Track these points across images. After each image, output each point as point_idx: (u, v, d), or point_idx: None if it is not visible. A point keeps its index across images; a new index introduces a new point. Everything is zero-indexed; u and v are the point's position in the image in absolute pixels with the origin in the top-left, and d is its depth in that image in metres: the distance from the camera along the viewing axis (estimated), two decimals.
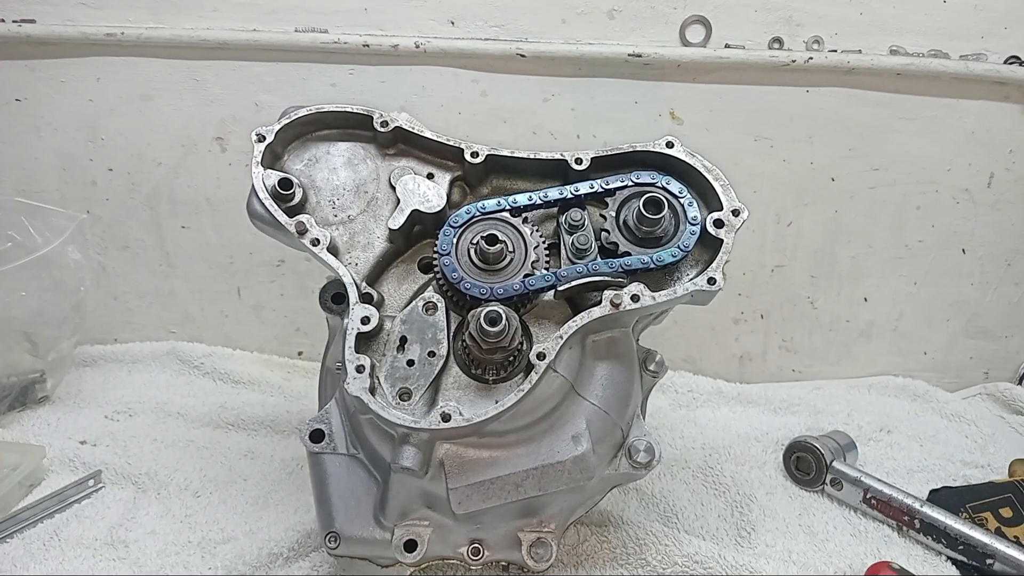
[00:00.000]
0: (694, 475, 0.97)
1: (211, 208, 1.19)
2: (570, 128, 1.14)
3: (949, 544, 0.84)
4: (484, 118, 1.13)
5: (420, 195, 0.78)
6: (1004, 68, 1.10)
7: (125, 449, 0.98)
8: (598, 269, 0.73)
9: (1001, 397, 1.23)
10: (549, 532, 0.71)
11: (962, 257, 1.23)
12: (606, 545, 0.82)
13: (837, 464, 0.94)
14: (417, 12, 1.08)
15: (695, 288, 0.72)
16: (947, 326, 1.28)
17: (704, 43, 1.09)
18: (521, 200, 0.76)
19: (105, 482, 0.92)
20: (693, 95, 1.12)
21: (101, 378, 1.16)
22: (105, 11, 1.08)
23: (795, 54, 1.08)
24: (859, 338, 1.28)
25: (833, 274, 1.24)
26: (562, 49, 1.08)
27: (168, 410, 1.07)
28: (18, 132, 1.15)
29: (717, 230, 0.74)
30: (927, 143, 1.16)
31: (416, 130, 0.80)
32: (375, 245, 0.78)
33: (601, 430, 0.72)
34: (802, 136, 1.15)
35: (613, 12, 1.08)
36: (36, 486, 0.90)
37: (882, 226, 1.21)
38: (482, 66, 1.10)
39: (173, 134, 1.15)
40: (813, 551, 0.85)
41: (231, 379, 1.18)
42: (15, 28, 1.07)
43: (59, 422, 1.03)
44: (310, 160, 0.81)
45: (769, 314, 1.26)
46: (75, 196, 1.18)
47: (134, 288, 1.25)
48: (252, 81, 1.11)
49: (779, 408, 1.17)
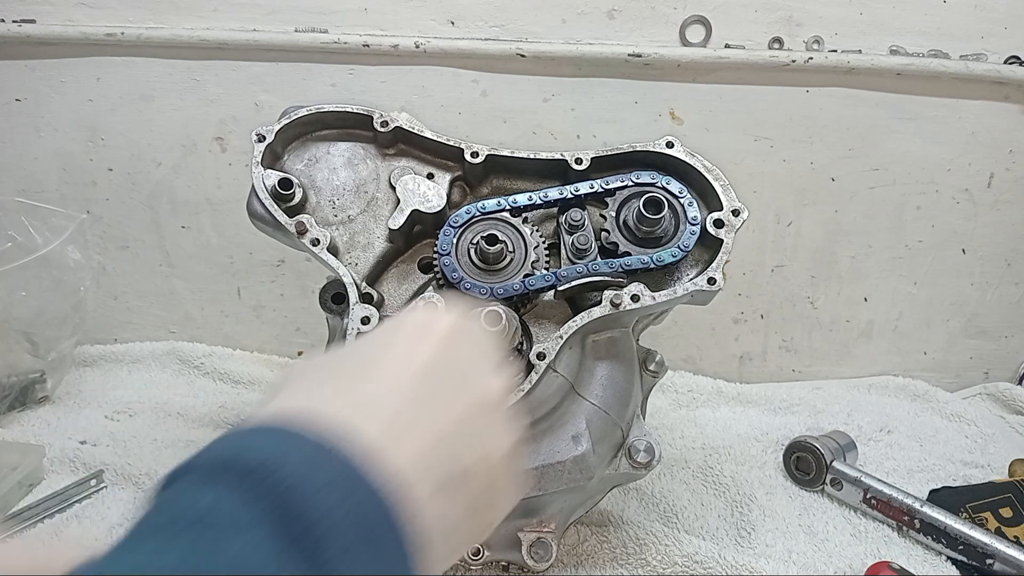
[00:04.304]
0: (694, 475, 0.97)
1: (211, 208, 1.19)
2: (570, 128, 1.14)
3: (949, 544, 0.84)
4: (484, 118, 1.13)
5: (420, 195, 0.78)
6: (1004, 68, 1.10)
7: (125, 449, 0.97)
8: (598, 269, 0.73)
9: (1001, 397, 1.23)
10: (549, 532, 0.71)
11: (962, 257, 1.23)
12: (606, 545, 0.82)
13: (837, 464, 0.94)
14: (417, 12, 1.08)
15: (695, 288, 0.72)
16: (947, 326, 1.28)
17: (704, 43, 1.09)
18: (521, 200, 0.76)
19: (106, 482, 0.92)
20: (693, 95, 1.12)
21: (101, 378, 1.16)
22: (105, 11, 1.08)
23: (795, 54, 1.08)
24: (859, 338, 1.28)
25: (833, 274, 1.24)
26: (562, 49, 1.08)
27: (168, 410, 1.07)
28: (18, 132, 1.15)
29: (717, 230, 0.74)
30: (927, 143, 1.16)
31: (416, 130, 0.80)
32: (375, 245, 0.78)
33: (601, 430, 0.72)
34: (802, 136, 1.15)
35: (613, 12, 1.08)
36: (36, 486, 0.90)
37: (882, 226, 1.21)
38: (482, 66, 1.10)
39: (173, 134, 1.15)
40: (813, 551, 0.85)
41: (231, 379, 1.18)
42: (15, 28, 1.07)
43: (59, 422, 1.03)
44: (310, 160, 0.81)
45: (769, 314, 1.26)
46: (75, 196, 1.18)
47: (134, 288, 1.25)
48: (252, 81, 1.11)
49: (779, 408, 1.17)
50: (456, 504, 0.41)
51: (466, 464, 0.41)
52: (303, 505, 0.30)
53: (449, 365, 0.44)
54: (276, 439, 0.34)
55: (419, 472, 0.38)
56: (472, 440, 0.42)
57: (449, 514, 0.40)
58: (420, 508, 0.37)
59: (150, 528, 0.30)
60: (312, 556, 0.30)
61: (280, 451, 0.32)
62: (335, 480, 0.33)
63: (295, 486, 0.31)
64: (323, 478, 0.32)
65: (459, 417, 0.42)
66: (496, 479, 0.44)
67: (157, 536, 0.29)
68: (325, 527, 0.31)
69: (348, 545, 0.31)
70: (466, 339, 0.46)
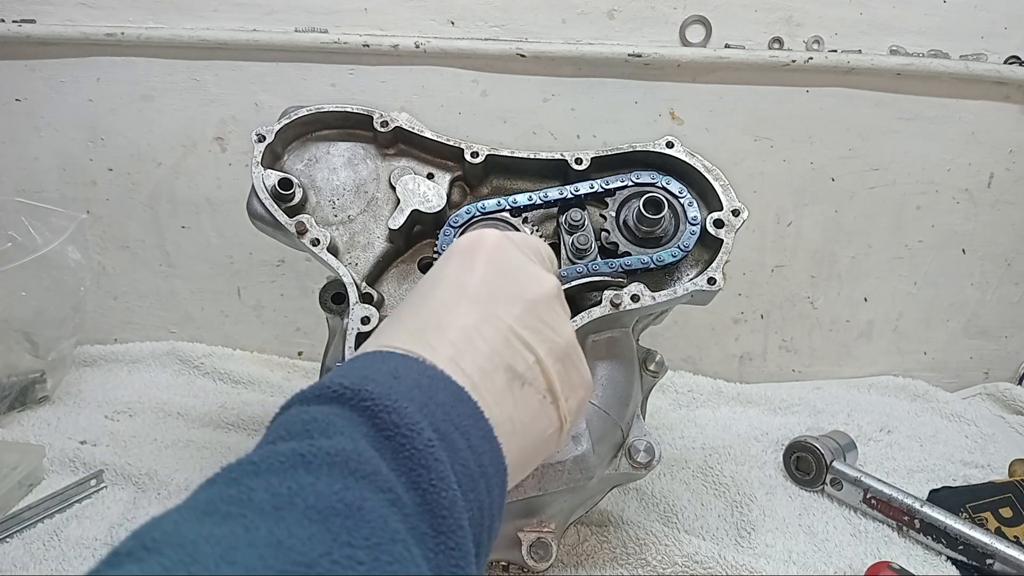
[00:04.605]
0: (694, 475, 0.97)
1: (211, 208, 1.19)
2: (570, 128, 1.14)
3: (949, 544, 0.84)
4: (484, 118, 1.13)
5: (420, 195, 0.78)
6: (1004, 68, 1.10)
7: (125, 449, 0.97)
8: (598, 269, 0.73)
9: (1001, 397, 1.23)
10: (549, 532, 0.71)
11: (962, 257, 1.23)
12: (606, 545, 0.82)
13: (837, 464, 0.94)
14: (417, 12, 1.08)
15: (695, 288, 0.72)
16: (947, 326, 1.28)
17: (704, 43, 1.09)
18: (521, 200, 0.76)
19: (106, 482, 0.91)
20: (693, 95, 1.12)
21: (101, 378, 1.16)
22: (105, 11, 1.08)
23: (795, 54, 1.08)
24: (859, 338, 1.28)
25: (833, 274, 1.24)
26: (562, 49, 1.08)
27: (168, 410, 1.07)
28: (18, 132, 1.15)
29: (717, 230, 0.74)
30: (927, 143, 1.16)
31: (416, 130, 0.80)
32: (375, 245, 0.78)
33: (601, 430, 0.72)
34: (802, 136, 1.15)
35: (613, 12, 1.08)
36: (36, 486, 0.90)
37: (882, 226, 1.21)
38: (482, 66, 1.10)
39: (173, 134, 1.15)
40: (813, 551, 0.85)
41: (231, 379, 1.18)
42: (15, 28, 1.07)
43: (59, 422, 1.03)
44: (310, 160, 0.81)
45: (769, 314, 1.26)
46: (75, 196, 1.18)
47: (134, 288, 1.25)
48: (252, 81, 1.11)
49: (779, 408, 1.17)
50: (530, 396, 0.45)
51: (537, 355, 0.46)
52: (389, 409, 0.36)
53: (501, 273, 0.48)
54: (360, 365, 0.40)
55: (488, 374, 0.43)
56: (537, 332, 0.47)
57: (525, 405, 0.45)
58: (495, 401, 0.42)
59: (269, 439, 0.36)
60: (400, 448, 0.35)
61: (364, 375, 0.38)
62: (415, 389, 0.38)
63: (381, 395, 0.36)
64: (404, 387, 0.38)
65: (519, 315, 0.46)
66: (569, 362, 0.49)
67: (275, 442, 0.35)
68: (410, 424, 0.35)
69: (434, 438, 0.36)
70: (511, 247, 0.50)
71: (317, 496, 0.30)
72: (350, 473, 0.32)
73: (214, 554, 0.26)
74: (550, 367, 0.47)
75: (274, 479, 0.31)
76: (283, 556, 0.27)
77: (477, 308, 0.45)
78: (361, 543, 0.29)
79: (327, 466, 0.32)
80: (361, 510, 0.30)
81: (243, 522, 0.29)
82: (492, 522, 0.39)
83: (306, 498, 0.30)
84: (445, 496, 0.34)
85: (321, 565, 0.27)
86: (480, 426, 0.40)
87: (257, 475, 0.32)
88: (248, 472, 0.32)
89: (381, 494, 0.32)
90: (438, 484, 0.34)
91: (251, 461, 0.33)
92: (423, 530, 0.33)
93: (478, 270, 0.47)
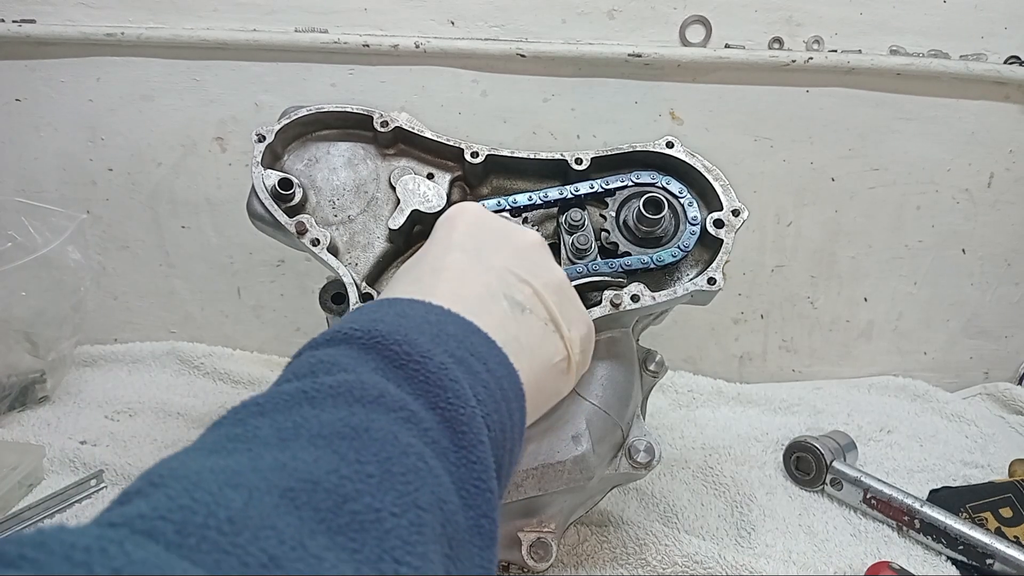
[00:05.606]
0: (694, 475, 0.97)
1: (211, 208, 1.19)
2: (570, 128, 1.14)
3: (949, 544, 0.84)
4: (484, 118, 1.13)
5: (420, 195, 0.78)
6: (1004, 68, 1.10)
7: (125, 449, 0.98)
8: (598, 269, 0.73)
9: (1001, 397, 1.23)
10: (549, 532, 0.71)
11: (962, 257, 1.23)
12: (606, 545, 0.82)
13: (837, 464, 0.94)
14: (417, 12, 1.08)
15: (695, 288, 0.72)
16: (947, 326, 1.28)
17: (704, 43, 1.09)
18: (521, 200, 0.76)
19: (106, 482, 0.92)
20: (693, 95, 1.12)
21: (101, 378, 1.16)
22: (105, 11, 1.08)
23: (795, 54, 1.08)
24: (859, 338, 1.28)
25: (833, 274, 1.24)
26: (562, 49, 1.08)
27: (168, 410, 1.07)
28: (18, 132, 1.15)
29: (717, 230, 0.74)
30: (927, 143, 1.16)
31: (416, 130, 0.80)
32: (375, 245, 0.78)
33: (601, 430, 0.72)
34: (802, 136, 1.15)
35: (613, 12, 1.08)
36: (36, 486, 0.90)
37: (882, 226, 1.21)
38: (482, 66, 1.10)
39: (173, 134, 1.15)
40: (813, 551, 0.85)
41: (231, 379, 1.18)
42: (15, 28, 1.07)
43: (59, 422, 1.03)
44: (310, 160, 0.81)
45: (769, 314, 1.26)
46: (75, 196, 1.18)
47: (134, 288, 1.25)
48: (252, 81, 1.11)
49: (779, 408, 1.17)
50: (533, 322, 0.48)
51: (533, 287, 0.49)
52: (400, 342, 0.37)
53: (484, 228, 0.52)
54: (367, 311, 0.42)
55: (488, 303, 0.46)
56: (529, 270, 0.50)
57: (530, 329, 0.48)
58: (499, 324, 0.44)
59: (285, 378, 0.37)
60: (415, 375, 0.36)
61: (373, 318, 0.40)
62: (424, 324, 0.40)
63: (390, 332, 0.38)
64: (413, 324, 0.39)
65: (509, 257, 0.50)
66: (565, 296, 0.52)
67: (281, 384, 0.36)
68: (421, 352, 0.37)
69: (448, 361, 0.37)
70: (490, 214, 0.55)
71: (322, 425, 0.31)
72: (355, 401, 0.33)
73: (218, 480, 0.27)
74: (548, 297, 0.50)
75: (279, 416, 0.32)
76: (288, 476, 0.28)
77: (467, 255, 0.49)
78: (370, 459, 0.30)
79: (331, 398, 0.33)
80: (368, 431, 0.31)
81: (248, 454, 0.29)
82: (513, 445, 0.41)
83: (310, 428, 0.31)
84: (463, 412, 0.35)
85: (329, 480, 0.28)
86: (494, 353, 0.42)
87: (262, 415, 0.33)
88: (253, 412, 0.33)
89: (391, 413, 0.33)
90: (455, 402, 0.35)
91: (256, 402, 0.34)
92: (444, 445, 0.34)
93: (462, 228, 0.51)
